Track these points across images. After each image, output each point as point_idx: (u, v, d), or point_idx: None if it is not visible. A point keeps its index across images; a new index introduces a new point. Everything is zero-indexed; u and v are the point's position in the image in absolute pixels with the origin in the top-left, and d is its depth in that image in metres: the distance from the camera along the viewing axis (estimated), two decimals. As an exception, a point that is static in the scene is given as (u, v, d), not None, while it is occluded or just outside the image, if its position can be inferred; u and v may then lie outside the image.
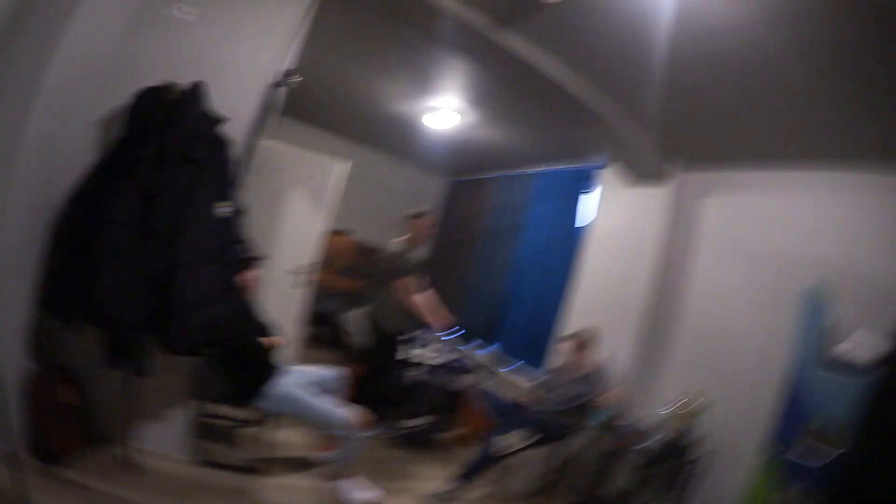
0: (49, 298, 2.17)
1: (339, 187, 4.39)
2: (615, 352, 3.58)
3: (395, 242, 3.69)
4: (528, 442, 3.05)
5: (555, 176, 4.76)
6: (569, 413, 3.20)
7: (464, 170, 6.41)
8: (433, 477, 3.28)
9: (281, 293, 4.20)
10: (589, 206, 4.34)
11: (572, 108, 3.41)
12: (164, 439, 2.65)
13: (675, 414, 3.03)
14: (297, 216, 4.29)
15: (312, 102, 5.14)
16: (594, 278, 4.10)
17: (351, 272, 6.00)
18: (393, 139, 5.95)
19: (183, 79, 2.29)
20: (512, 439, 3.03)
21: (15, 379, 2.24)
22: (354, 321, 5.45)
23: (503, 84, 3.81)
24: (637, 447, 2.93)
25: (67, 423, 2.35)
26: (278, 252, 4.18)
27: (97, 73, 2.31)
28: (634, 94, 3.13)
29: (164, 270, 2.11)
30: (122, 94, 2.25)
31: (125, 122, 2.23)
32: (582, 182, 4.41)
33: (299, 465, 3.07)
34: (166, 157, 2.14)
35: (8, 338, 2.21)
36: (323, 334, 5.90)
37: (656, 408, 3.21)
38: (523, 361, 4.60)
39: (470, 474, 3.02)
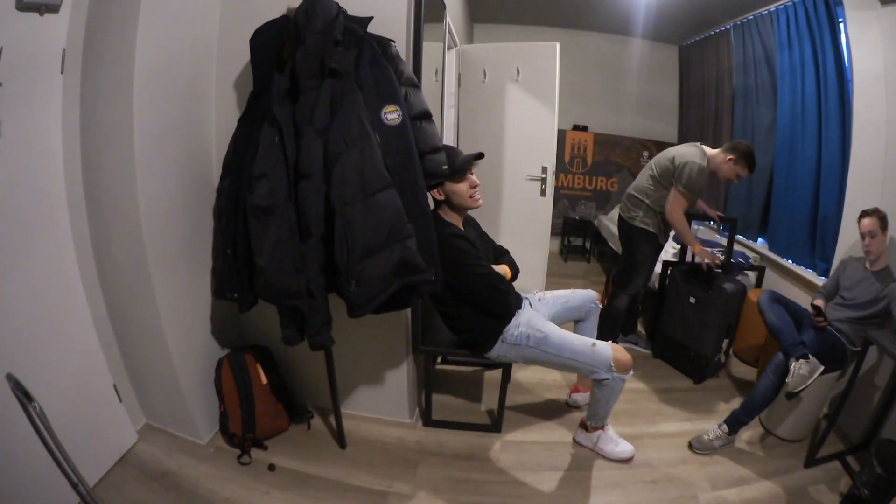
0: (221, 282, 1.96)
1: (557, 75, 3.67)
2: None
3: (697, 154, 2.83)
4: (822, 368, 2.26)
5: (798, 8, 3.41)
6: (868, 321, 2.35)
7: (692, 28, 5.06)
8: (700, 415, 2.70)
9: (526, 203, 3.88)
10: (846, 41, 2.96)
11: None
12: (386, 403, 2.38)
13: None
14: (524, 114, 3.79)
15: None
16: (874, 136, 2.72)
17: (599, 170, 5.72)
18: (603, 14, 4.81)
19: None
20: (809, 367, 2.25)
21: (209, 369, 2.21)
22: (610, 224, 4.89)
23: None
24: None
25: (270, 404, 2.21)
26: (515, 158, 3.85)
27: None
28: None
29: (326, 216, 1.65)
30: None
31: (254, 72, 1.84)
32: (833, 9, 3.08)
33: (545, 412, 2.60)
34: (301, 81, 1.67)
35: (196, 328, 2.14)
36: (577, 243, 5.75)
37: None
38: (791, 260, 3.49)
39: (748, 415, 2.38)
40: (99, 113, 1.75)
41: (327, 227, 1.66)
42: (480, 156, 2.01)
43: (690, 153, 2.84)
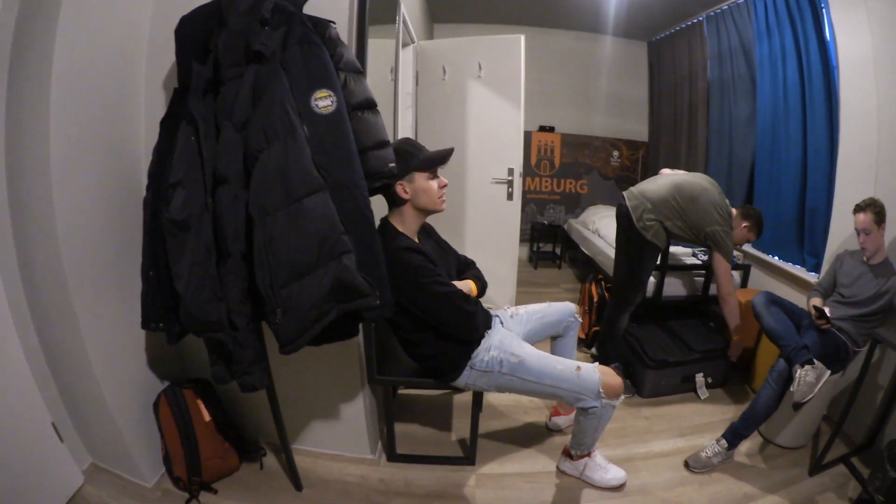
0: (145, 309, 1.63)
1: (522, 70, 3.32)
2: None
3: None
4: (829, 372, 2.06)
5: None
6: (870, 318, 2.13)
7: (662, 23, 4.73)
8: (694, 429, 2.42)
9: (491, 209, 3.48)
10: (829, 27, 2.73)
11: None
12: (344, 438, 2.05)
13: None
14: (488, 113, 3.41)
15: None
16: (864, 123, 2.47)
17: (568, 172, 5.37)
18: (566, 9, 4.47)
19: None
20: (815, 373, 2.01)
21: (149, 405, 1.89)
22: (581, 228, 4.64)
23: None
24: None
25: (216, 444, 1.90)
26: (478, 160, 3.46)
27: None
28: None
29: (247, 229, 1.32)
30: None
31: (178, 67, 1.52)
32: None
33: (524, 439, 2.28)
34: (223, 70, 1.34)
35: (129, 360, 1.82)
36: (547, 249, 5.37)
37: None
38: (778, 256, 3.25)
39: (748, 428, 2.12)
40: (20, 113, 1.44)
41: (248, 242, 1.31)
42: (451, 151, 1.67)
43: (721, 209, 2.58)
